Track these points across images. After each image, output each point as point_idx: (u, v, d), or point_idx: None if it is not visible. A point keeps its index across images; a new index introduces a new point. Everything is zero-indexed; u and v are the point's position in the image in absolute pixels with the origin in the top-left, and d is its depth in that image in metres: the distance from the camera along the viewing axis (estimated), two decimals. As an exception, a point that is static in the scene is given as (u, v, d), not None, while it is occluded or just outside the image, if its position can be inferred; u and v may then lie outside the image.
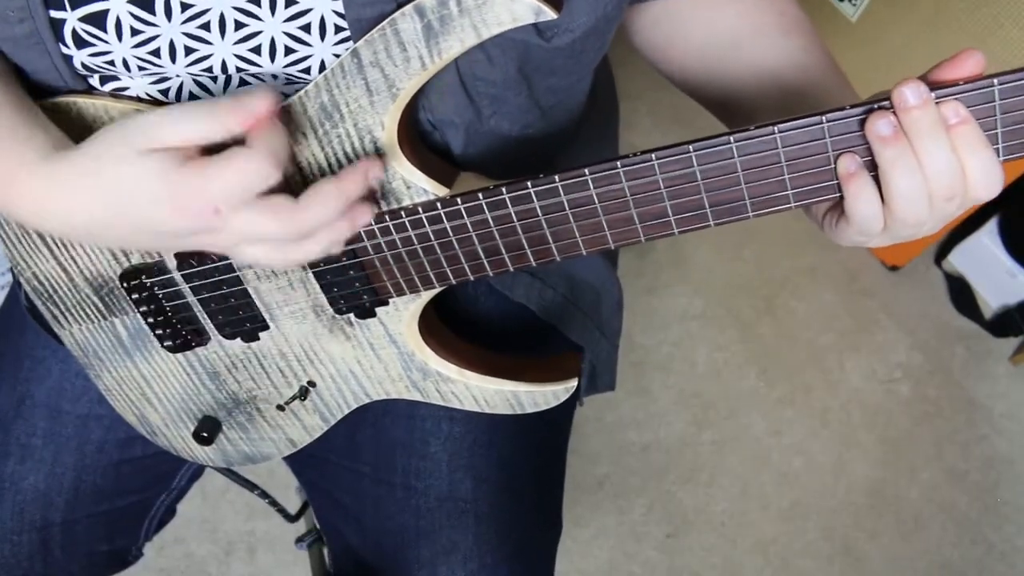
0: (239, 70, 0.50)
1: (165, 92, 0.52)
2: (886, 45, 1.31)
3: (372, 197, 0.52)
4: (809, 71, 0.56)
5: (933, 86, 0.44)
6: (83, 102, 0.52)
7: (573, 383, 0.61)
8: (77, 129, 0.52)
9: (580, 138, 0.70)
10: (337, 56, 0.50)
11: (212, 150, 0.45)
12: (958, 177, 0.45)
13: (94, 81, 0.52)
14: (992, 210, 1.44)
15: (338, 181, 0.48)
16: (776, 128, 0.46)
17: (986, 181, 0.45)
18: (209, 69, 0.50)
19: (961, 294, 1.53)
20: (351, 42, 0.49)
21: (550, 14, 0.44)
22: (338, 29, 0.49)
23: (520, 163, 0.58)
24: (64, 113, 0.52)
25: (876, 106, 0.45)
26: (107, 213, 0.47)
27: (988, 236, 1.46)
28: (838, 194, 0.48)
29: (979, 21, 1.17)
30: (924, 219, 0.47)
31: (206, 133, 0.44)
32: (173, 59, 0.49)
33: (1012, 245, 1.43)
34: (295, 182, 0.52)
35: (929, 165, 0.45)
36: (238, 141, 0.45)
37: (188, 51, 0.49)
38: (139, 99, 0.53)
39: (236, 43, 0.49)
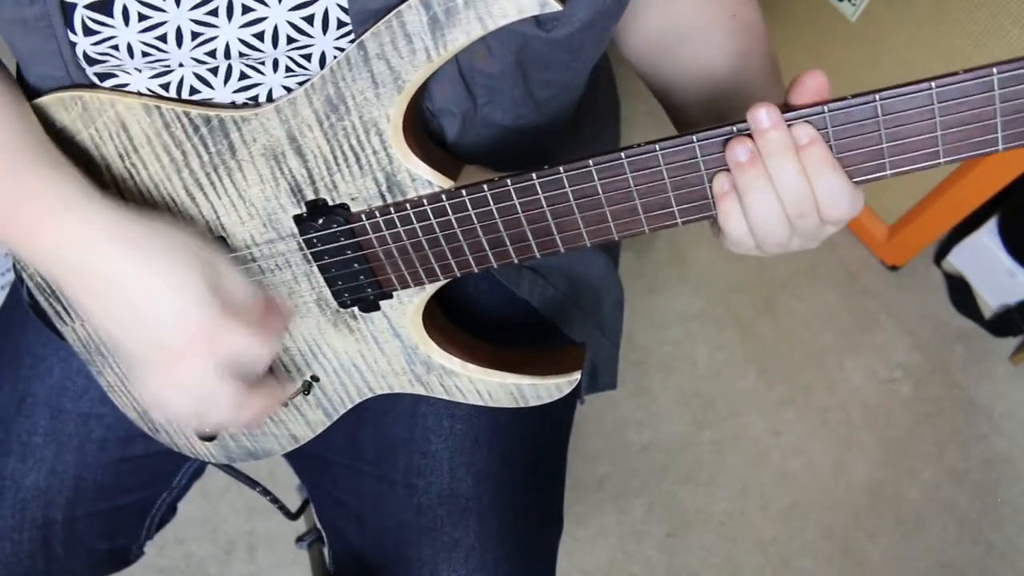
0: (241, 55, 0.50)
1: (166, 87, 0.52)
2: (885, 45, 1.31)
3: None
4: (741, 75, 0.57)
5: (784, 110, 0.46)
6: (88, 96, 0.52)
7: (576, 376, 0.61)
8: (81, 125, 0.52)
9: (581, 135, 0.71)
10: (339, 49, 0.50)
11: None
12: (807, 197, 0.46)
13: (93, 77, 0.52)
14: (992, 209, 1.44)
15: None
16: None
17: (834, 202, 0.47)
18: (212, 53, 0.50)
19: (961, 294, 1.52)
20: (353, 36, 0.49)
21: (555, 5, 0.44)
22: (340, 24, 0.49)
23: (514, 153, 0.58)
24: (68, 108, 0.52)
25: (736, 129, 0.46)
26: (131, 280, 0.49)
27: (988, 235, 1.46)
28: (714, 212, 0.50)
29: (978, 21, 1.18)
30: (784, 239, 0.49)
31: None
32: (179, 44, 0.49)
33: (1012, 244, 1.43)
34: (301, 179, 0.53)
35: (780, 185, 0.46)
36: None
37: (194, 36, 0.49)
38: (140, 94, 0.53)
39: (241, 27, 0.49)
